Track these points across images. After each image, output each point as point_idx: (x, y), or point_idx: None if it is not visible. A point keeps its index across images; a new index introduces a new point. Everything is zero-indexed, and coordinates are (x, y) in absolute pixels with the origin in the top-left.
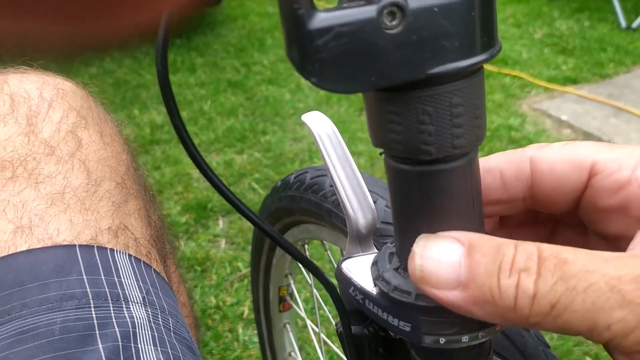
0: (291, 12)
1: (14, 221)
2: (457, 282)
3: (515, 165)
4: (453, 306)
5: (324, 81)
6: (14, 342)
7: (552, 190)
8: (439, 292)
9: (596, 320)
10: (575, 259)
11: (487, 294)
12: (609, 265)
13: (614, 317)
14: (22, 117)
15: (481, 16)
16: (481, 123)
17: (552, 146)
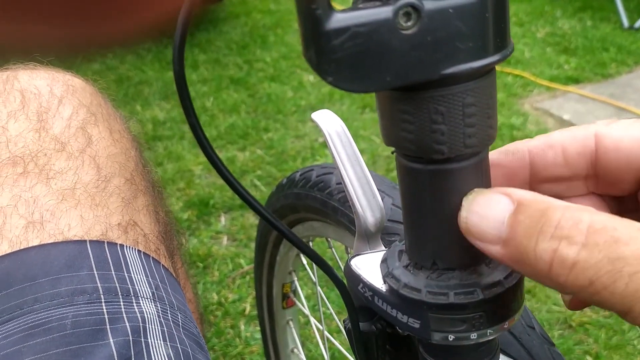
0: (309, 12)
1: (25, 216)
2: (499, 238)
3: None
4: (497, 259)
5: (340, 80)
6: (26, 336)
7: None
8: (482, 244)
9: (633, 307)
10: (628, 240)
11: (523, 255)
12: None
13: None
14: (32, 113)
15: (494, 17)
16: (493, 123)
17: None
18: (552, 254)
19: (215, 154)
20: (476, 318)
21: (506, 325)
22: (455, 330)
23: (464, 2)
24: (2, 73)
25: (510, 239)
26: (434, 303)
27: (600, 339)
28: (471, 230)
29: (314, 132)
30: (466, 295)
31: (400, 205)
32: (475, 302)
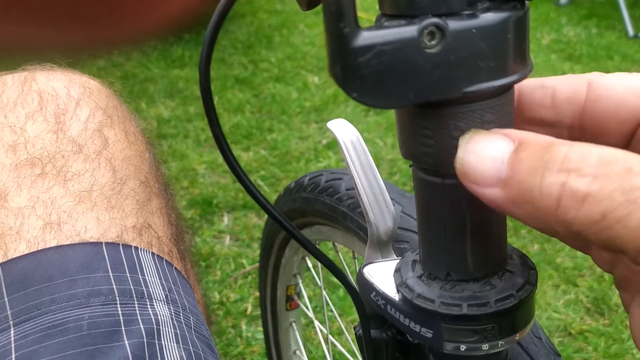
0: (337, 30)
1: (43, 217)
2: (498, 179)
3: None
4: (492, 204)
5: (364, 96)
6: (43, 336)
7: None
8: (478, 188)
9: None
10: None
11: (526, 192)
12: None
13: None
14: (50, 114)
15: (515, 38)
16: None
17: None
18: (561, 188)
19: (239, 165)
20: (488, 329)
21: (517, 337)
22: (468, 340)
23: (487, 23)
24: (19, 74)
25: (511, 178)
26: (447, 314)
27: (600, 347)
28: (467, 172)
29: (317, 133)
30: (479, 307)
31: (415, 217)
32: (488, 314)
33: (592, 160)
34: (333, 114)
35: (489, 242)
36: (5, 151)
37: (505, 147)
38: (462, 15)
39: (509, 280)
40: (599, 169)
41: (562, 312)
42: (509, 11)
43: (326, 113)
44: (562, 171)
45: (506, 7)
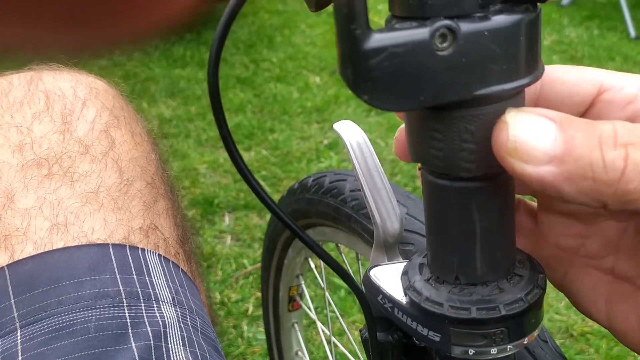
0: (348, 32)
1: (50, 218)
2: (552, 156)
3: None
4: (542, 183)
5: (375, 99)
6: (50, 338)
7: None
8: (530, 167)
9: None
10: None
11: (586, 168)
12: None
13: None
14: (57, 115)
15: (527, 41)
16: None
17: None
18: (624, 161)
19: (246, 166)
20: (497, 333)
21: (526, 341)
22: (476, 345)
23: (499, 25)
24: (26, 74)
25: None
26: (455, 317)
27: (602, 349)
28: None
29: (319, 133)
30: (488, 310)
31: (421, 219)
32: (497, 318)
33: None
34: (334, 114)
35: (498, 245)
36: (11, 151)
37: (550, 124)
38: (474, 18)
39: (518, 284)
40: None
41: (564, 314)
42: (521, 13)
43: (327, 113)
44: (620, 145)
45: (518, 10)
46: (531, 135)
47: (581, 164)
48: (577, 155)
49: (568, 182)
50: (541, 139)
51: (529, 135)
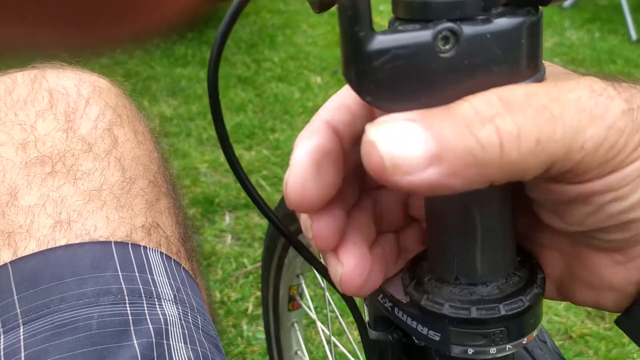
0: (352, 33)
1: (53, 216)
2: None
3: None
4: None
5: (378, 100)
6: (53, 335)
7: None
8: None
9: (572, 143)
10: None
11: (466, 155)
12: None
13: (587, 135)
14: (60, 113)
15: (529, 43)
16: None
17: None
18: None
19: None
20: (497, 333)
21: (525, 341)
22: (475, 344)
23: (501, 28)
24: (29, 72)
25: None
26: (455, 317)
27: (600, 351)
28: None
29: None
30: (488, 310)
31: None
32: (497, 318)
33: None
34: None
35: (499, 245)
36: (15, 149)
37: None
38: (476, 20)
39: (517, 284)
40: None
41: (563, 316)
42: (523, 16)
43: None
44: (485, 121)
45: (520, 13)
46: (402, 145)
47: (460, 154)
48: (452, 147)
49: (455, 176)
50: (412, 145)
51: (400, 145)
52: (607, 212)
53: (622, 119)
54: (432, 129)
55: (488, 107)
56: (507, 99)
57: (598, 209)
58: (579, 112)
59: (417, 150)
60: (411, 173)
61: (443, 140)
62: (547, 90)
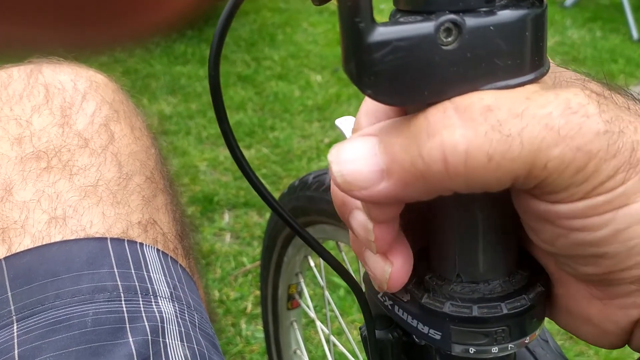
0: (352, 25)
1: (48, 212)
2: (380, 172)
3: None
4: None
5: (379, 94)
6: (47, 332)
7: None
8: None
9: (534, 161)
10: (498, 104)
11: (411, 169)
12: (534, 104)
13: (551, 155)
14: (56, 108)
15: (533, 36)
16: None
17: None
18: (441, 148)
19: (247, 163)
20: (498, 332)
21: (527, 340)
22: (477, 343)
23: (505, 20)
24: (25, 67)
25: (391, 164)
26: (456, 316)
27: (601, 351)
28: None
29: (320, 132)
30: (490, 309)
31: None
32: (499, 317)
33: (450, 112)
34: (335, 113)
35: (501, 243)
36: (10, 144)
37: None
38: (479, 12)
39: (520, 282)
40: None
41: None
42: (527, 8)
43: (329, 112)
44: (432, 134)
45: (524, 5)
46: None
47: (406, 167)
48: (399, 161)
49: (406, 188)
50: (363, 163)
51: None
52: (575, 240)
53: (594, 142)
54: (384, 144)
55: (441, 119)
56: (464, 111)
57: (567, 234)
58: (545, 129)
59: (367, 167)
60: (366, 188)
61: (391, 154)
62: (510, 105)
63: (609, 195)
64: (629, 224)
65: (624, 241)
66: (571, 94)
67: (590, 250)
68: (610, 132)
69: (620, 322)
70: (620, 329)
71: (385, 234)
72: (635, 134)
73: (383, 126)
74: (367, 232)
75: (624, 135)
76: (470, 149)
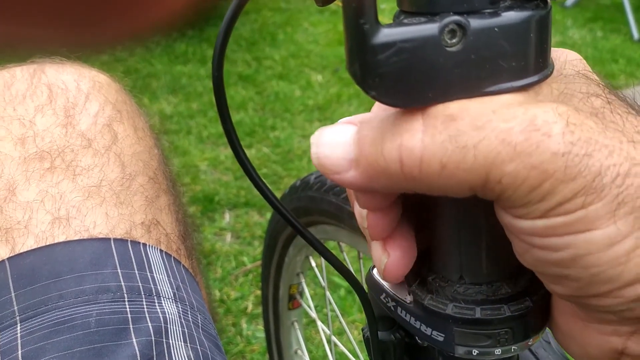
0: (356, 26)
1: (51, 212)
2: (350, 160)
3: None
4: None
5: (383, 95)
6: (50, 332)
7: None
8: (338, 176)
9: (488, 175)
10: (462, 115)
11: (374, 164)
12: (498, 118)
13: (505, 170)
14: (60, 108)
15: (538, 38)
16: None
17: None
18: (399, 150)
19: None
20: (502, 334)
21: (530, 342)
22: (480, 345)
23: (509, 21)
24: (28, 66)
25: (359, 156)
26: (459, 317)
27: None
28: (323, 163)
29: None
30: (493, 311)
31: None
32: (502, 318)
33: (417, 117)
34: (336, 113)
35: (504, 244)
36: (14, 144)
37: (349, 130)
38: (483, 14)
39: (523, 284)
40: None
41: None
42: (531, 10)
43: (329, 112)
44: (395, 135)
45: (529, 6)
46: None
47: (370, 162)
48: (366, 154)
49: (371, 181)
50: (338, 148)
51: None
52: (537, 257)
53: (551, 162)
54: (359, 135)
55: (407, 122)
56: (428, 118)
57: (529, 249)
58: (502, 144)
59: (340, 154)
60: (338, 173)
61: (361, 146)
62: (474, 116)
63: (567, 217)
64: (589, 251)
65: (585, 267)
66: (541, 111)
67: (553, 270)
68: (571, 154)
69: (602, 347)
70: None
71: (379, 222)
72: (607, 158)
73: (364, 117)
74: (362, 219)
75: (589, 159)
76: (425, 155)
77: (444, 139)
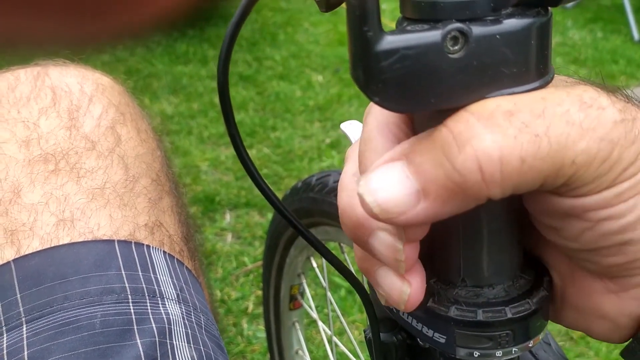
0: (360, 33)
1: (56, 214)
2: (416, 194)
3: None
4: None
5: (386, 100)
6: (56, 334)
7: None
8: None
9: (563, 159)
10: (518, 107)
11: (448, 184)
12: (552, 104)
13: (578, 149)
14: (63, 110)
15: (539, 45)
16: None
17: None
18: (475, 158)
19: (253, 165)
20: (503, 336)
21: (531, 344)
22: (481, 347)
23: (511, 29)
24: (32, 69)
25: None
26: (461, 320)
27: (602, 352)
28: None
29: (321, 132)
30: (494, 313)
31: None
32: (503, 321)
33: (473, 122)
34: (337, 113)
35: (505, 247)
36: (18, 146)
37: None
38: (485, 21)
39: (524, 286)
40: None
41: None
42: (532, 17)
43: (330, 112)
44: (462, 145)
45: (530, 14)
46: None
47: (442, 184)
48: (434, 179)
49: (444, 204)
50: (397, 186)
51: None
52: (602, 230)
53: (614, 130)
54: (414, 165)
55: (465, 129)
56: (487, 118)
57: (593, 226)
58: (568, 126)
59: (402, 191)
60: (405, 213)
61: (424, 173)
62: (531, 106)
63: (632, 180)
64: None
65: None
66: (580, 90)
67: (615, 239)
68: (626, 120)
69: (633, 313)
70: (634, 321)
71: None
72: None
73: (405, 148)
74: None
75: (637, 122)
76: (504, 154)
77: (515, 134)
